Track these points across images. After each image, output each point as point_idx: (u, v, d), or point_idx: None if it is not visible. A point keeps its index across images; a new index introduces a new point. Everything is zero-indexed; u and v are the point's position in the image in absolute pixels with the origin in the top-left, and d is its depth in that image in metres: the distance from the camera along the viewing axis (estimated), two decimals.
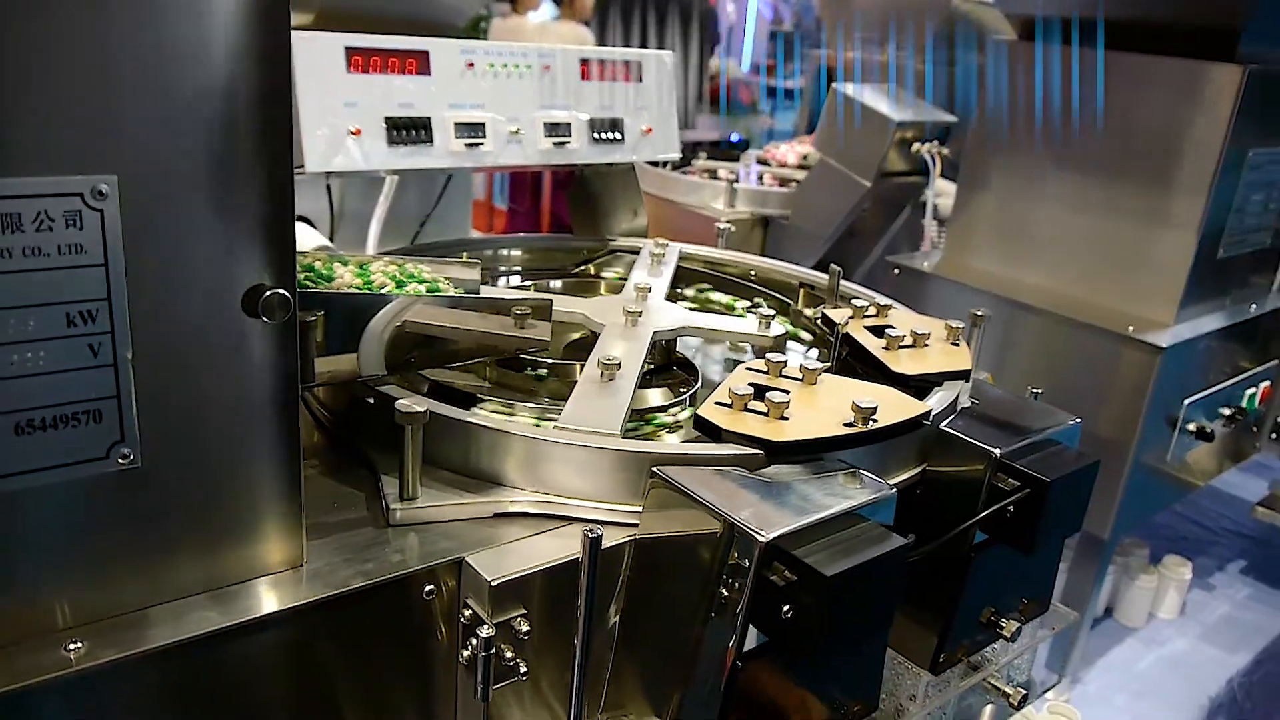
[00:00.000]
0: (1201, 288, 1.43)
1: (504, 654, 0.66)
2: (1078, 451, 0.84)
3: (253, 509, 0.62)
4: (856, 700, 0.76)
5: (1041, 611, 0.94)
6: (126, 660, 0.55)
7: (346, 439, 0.81)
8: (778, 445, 0.73)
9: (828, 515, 0.67)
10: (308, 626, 0.62)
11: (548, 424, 0.77)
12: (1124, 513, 1.40)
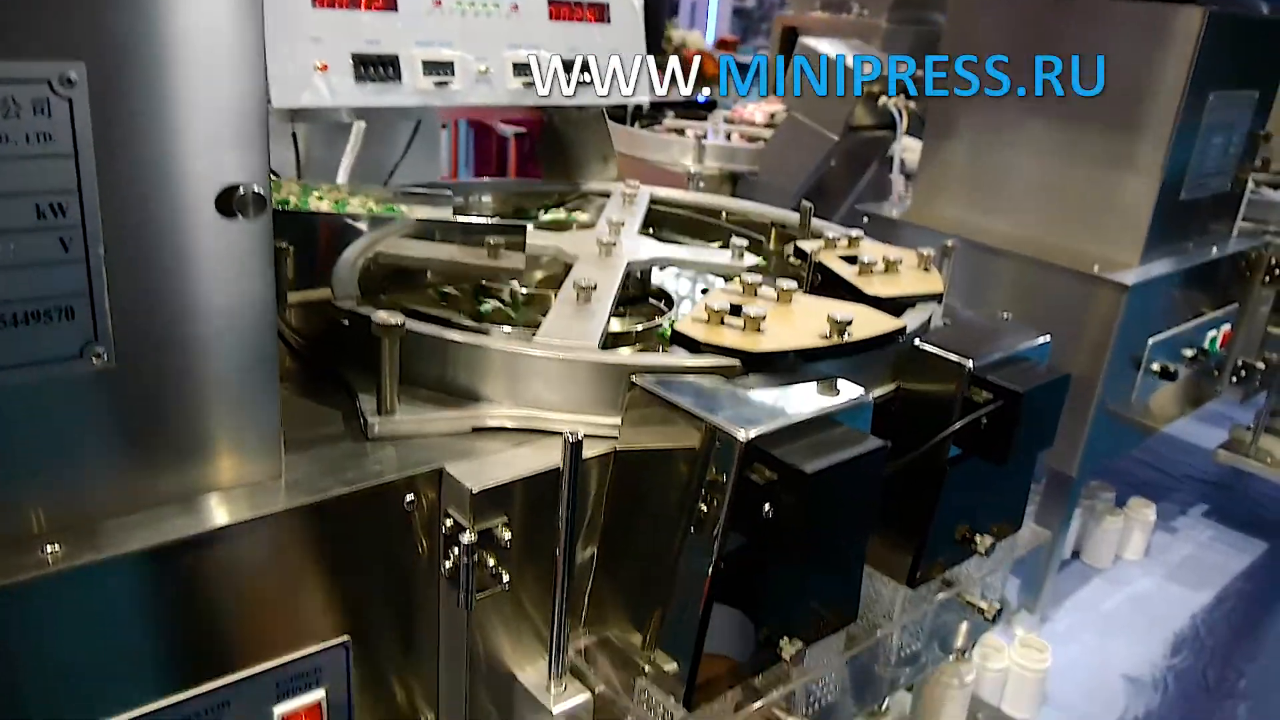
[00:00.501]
0: (1164, 231, 1.45)
1: (486, 562, 0.66)
2: (1048, 366, 0.86)
3: (229, 416, 0.61)
4: (835, 610, 0.77)
5: (1014, 530, 0.95)
6: (104, 563, 0.55)
7: (322, 363, 0.80)
8: (754, 356, 0.74)
9: (806, 417, 0.67)
10: (287, 536, 0.62)
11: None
12: (1091, 451, 1.42)
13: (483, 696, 0.72)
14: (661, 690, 0.70)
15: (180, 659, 0.60)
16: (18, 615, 0.53)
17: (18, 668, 0.54)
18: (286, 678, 0.65)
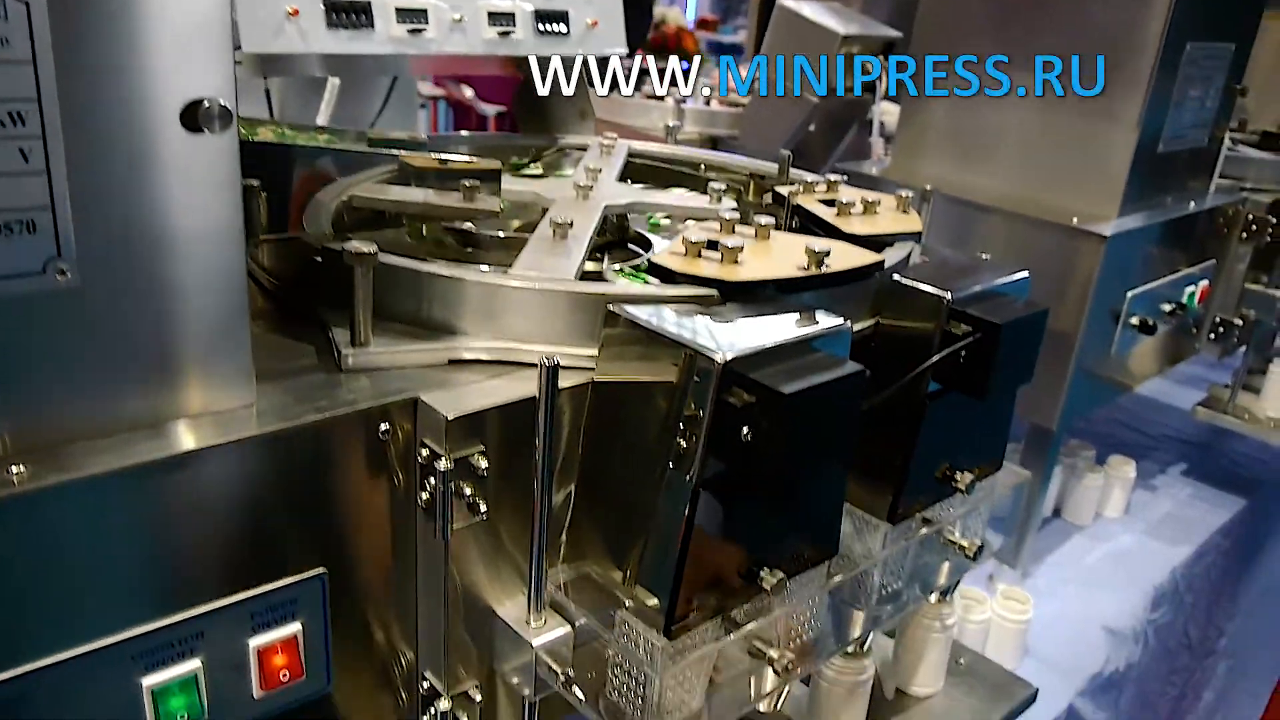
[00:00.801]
0: (1142, 185, 1.45)
1: (463, 492, 0.66)
2: (1028, 301, 0.86)
3: (198, 339, 0.60)
4: (816, 544, 0.77)
5: (995, 470, 0.95)
6: (71, 485, 0.54)
7: (295, 302, 0.79)
8: (732, 285, 0.73)
9: (784, 341, 0.67)
10: (258, 463, 0.61)
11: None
12: (1071, 404, 1.43)
13: (461, 631, 0.71)
14: (642, 622, 0.69)
15: (151, 587, 0.59)
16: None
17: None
18: (261, 609, 0.64)
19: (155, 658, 0.60)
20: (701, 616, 0.70)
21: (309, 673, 0.68)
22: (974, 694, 1.06)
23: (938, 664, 1.04)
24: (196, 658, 0.62)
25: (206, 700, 0.63)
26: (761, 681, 0.78)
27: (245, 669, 0.64)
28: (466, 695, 0.74)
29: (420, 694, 0.74)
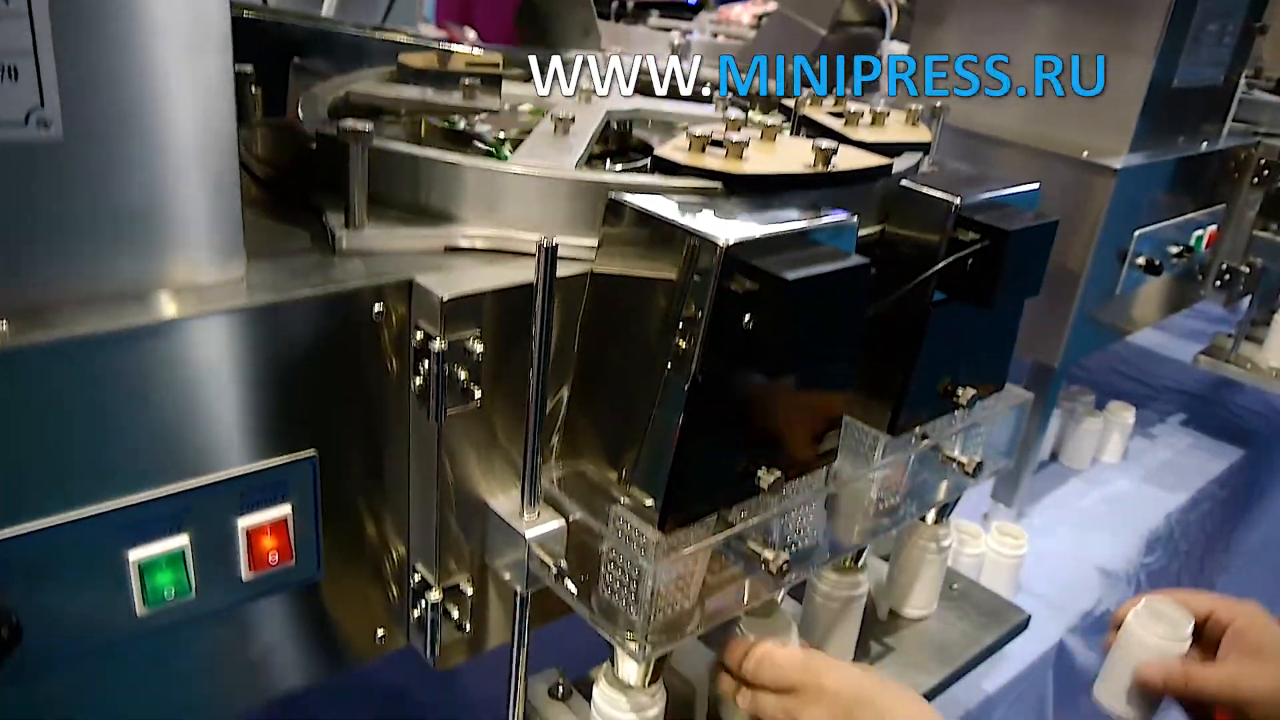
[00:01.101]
0: (1155, 121, 1.42)
1: (457, 376, 0.65)
2: (1037, 211, 0.84)
3: (186, 206, 0.58)
4: (814, 450, 0.76)
5: (997, 390, 0.94)
6: (55, 345, 0.53)
7: (289, 192, 0.77)
8: (736, 178, 0.71)
9: (789, 229, 0.65)
10: (248, 336, 0.60)
11: None
12: (1074, 342, 1.41)
13: (453, 523, 0.71)
14: (637, 517, 0.69)
15: (138, 458, 0.58)
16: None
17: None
18: (250, 489, 0.63)
19: (142, 531, 0.59)
20: (697, 513, 0.70)
21: (299, 558, 0.67)
22: (966, 618, 1.06)
23: (932, 586, 1.03)
24: (184, 534, 0.61)
25: (194, 578, 0.62)
26: (755, 586, 0.78)
27: (234, 549, 0.64)
28: (458, 588, 0.73)
29: (411, 587, 0.74)
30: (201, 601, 0.63)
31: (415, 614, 0.74)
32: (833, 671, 0.76)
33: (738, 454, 0.70)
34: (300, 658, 0.72)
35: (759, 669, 0.79)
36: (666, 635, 0.71)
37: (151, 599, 0.61)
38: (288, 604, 0.69)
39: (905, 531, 1.02)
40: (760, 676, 0.78)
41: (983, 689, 1.21)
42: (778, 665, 0.78)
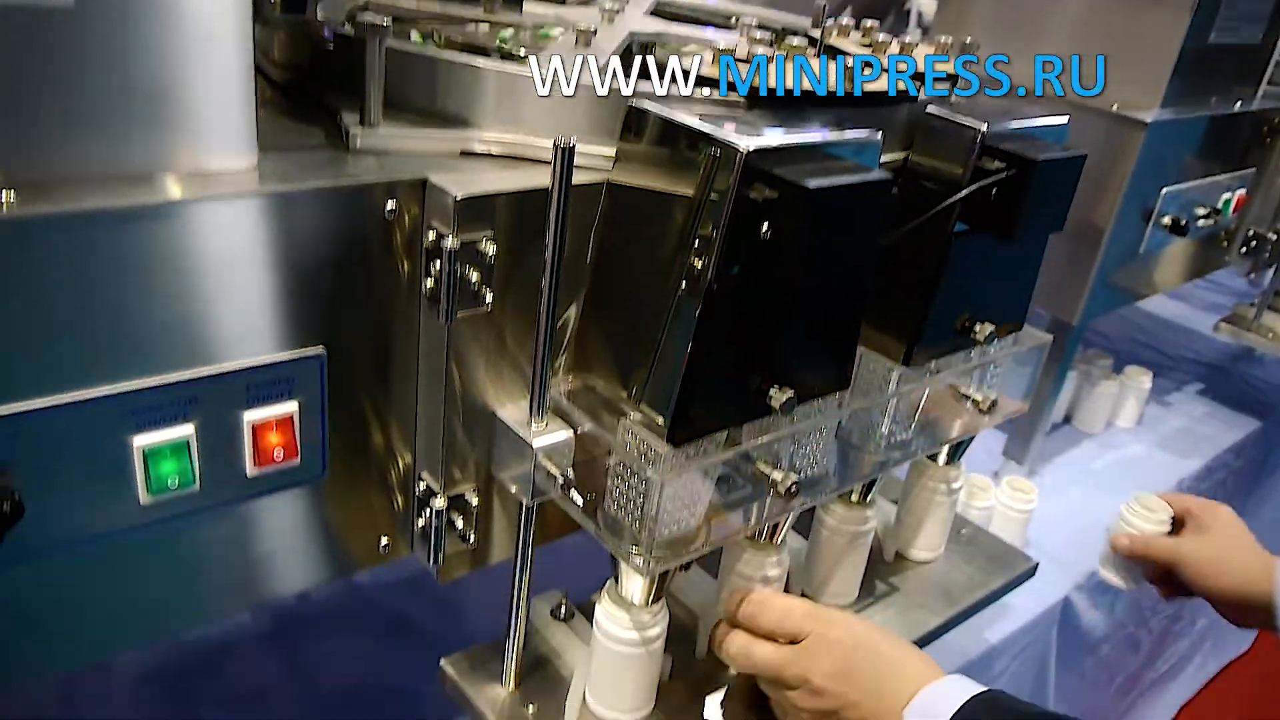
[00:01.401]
0: (1189, 77, 1.39)
1: (469, 278, 0.64)
2: (1065, 145, 0.82)
3: (198, 88, 0.57)
4: (828, 374, 0.75)
5: (1015, 330, 0.93)
6: (61, 218, 0.52)
7: (304, 94, 0.76)
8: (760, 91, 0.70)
9: (810, 140, 0.64)
10: (258, 225, 0.59)
11: None
12: (1094, 299, 1.40)
13: (460, 432, 0.70)
14: (646, 430, 0.68)
15: (143, 343, 0.57)
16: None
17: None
18: (257, 383, 0.63)
19: (147, 417, 0.59)
20: (706, 429, 0.69)
21: (304, 457, 0.66)
22: (973, 563, 1.06)
23: (940, 529, 1.03)
24: (189, 424, 0.61)
25: (198, 470, 0.62)
26: (763, 508, 0.77)
27: (239, 443, 0.63)
28: (463, 498, 0.73)
29: (416, 495, 0.73)
30: (205, 494, 0.63)
31: (419, 523, 0.74)
32: (837, 621, 0.74)
33: (750, 372, 0.69)
34: (303, 560, 0.72)
35: (759, 613, 0.75)
36: (671, 552, 0.71)
37: (155, 487, 0.60)
38: (292, 504, 0.69)
39: (915, 472, 1.01)
40: (759, 621, 0.75)
41: (986, 639, 1.21)
42: (782, 611, 0.75)
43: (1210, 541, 1.05)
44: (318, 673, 1.05)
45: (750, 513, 0.77)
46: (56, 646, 0.63)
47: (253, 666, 1.05)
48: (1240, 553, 1.02)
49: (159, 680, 1.01)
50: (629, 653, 0.77)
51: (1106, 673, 1.67)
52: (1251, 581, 0.98)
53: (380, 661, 1.07)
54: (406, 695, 1.03)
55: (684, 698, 0.84)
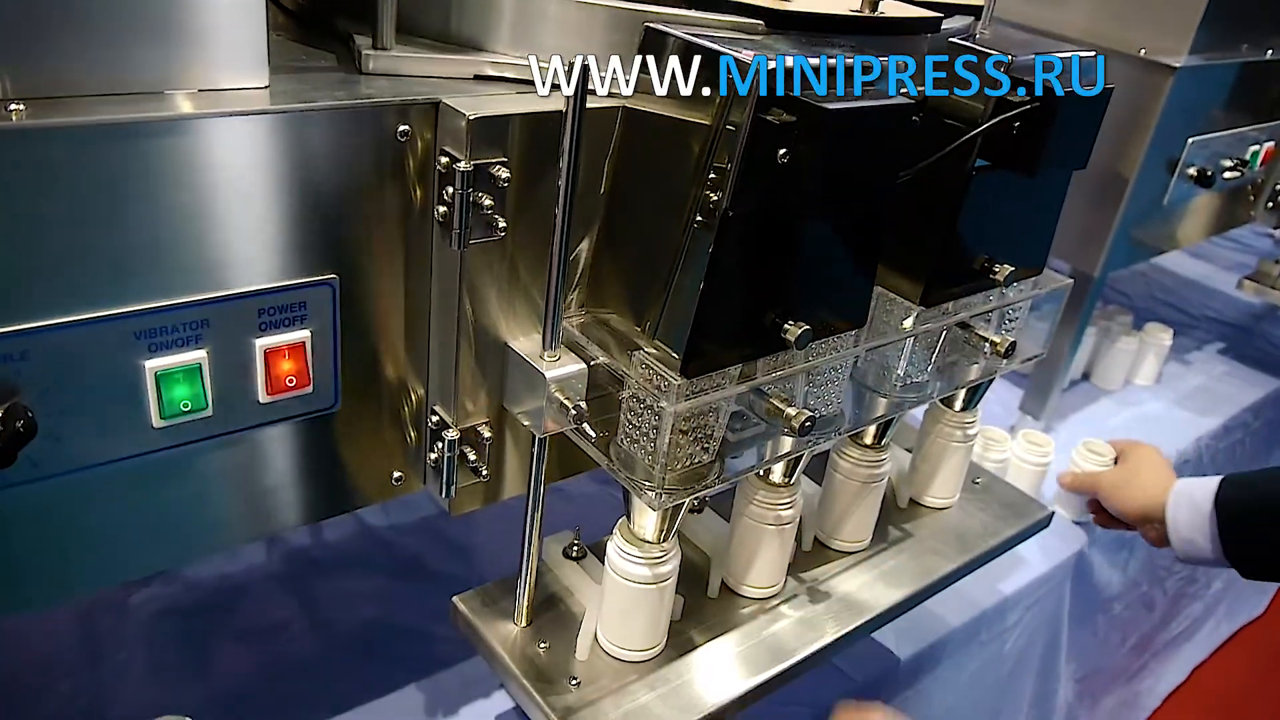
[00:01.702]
0: (1218, 23, 1.36)
1: (482, 203, 0.63)
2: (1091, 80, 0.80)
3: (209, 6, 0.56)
4: (844, 311, 0.74)
5: (1035, 274, 0.92)
6: (70, 130, 0.51)
7: (316, 18, 0.75)
8: (780, 15, 0.68)
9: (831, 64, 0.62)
10: (269, 144, 0.58)
11: None
12: (1115, 250, 1.38)
13: (473, 363, 0.70)
14: (660, 363, 0.67)
15: (155, 263, 0.57)
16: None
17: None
18: (269, 308, 0.62)
19: (159, 339, 0.59)
20: (720, 361, 0.68)
21: (316, 385, 0.66)
22: (988, 510, 1.05)
23: (955, 475, 1.02)
24: (202, 348, 0.61)
25: (211, 394, 0.62)
26: (775, 447, 0.76)
27: (251, 369, 0.63)
28: (476, 430, 0.72)
29: (429, 428, 0.73)
30: (217, 420, 0.63)
31: (432, 456, 0.73)
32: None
33: (765, 306, 0.68)
34: (315, 492, 0.72)
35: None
36: (684, 487, 0.70)
37: (168, 410, 0.60)
38: (304, 434, 0.69)
39: (931, 418, 1.00)
40: None
41: (1000, 590, 1.20)
42: None
43: (1123, 470, 1.25)
44: (330, 612, 1.05)
45: (764, 450, 0.76)
46: (73, 569, 0.63)
47: (266, 604, 1.05)
48: (1144, 475, 1.21)
49: (174, 615, 1.02)
50: (641, 589, 0.77)
51: (1120, 632, 1.67)
52: (1151, 498, 1.15)
53: (390, 602, 1.08)
54: (416, 634, 1.03)
55: (694, 637, 0.84)
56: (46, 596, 0.64)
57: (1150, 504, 1.16)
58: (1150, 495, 1.17)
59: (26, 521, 0.59)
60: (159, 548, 0.66)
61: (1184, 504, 1.11)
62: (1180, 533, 1.10)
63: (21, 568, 0.61)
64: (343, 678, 0.98)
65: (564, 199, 0.63)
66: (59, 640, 0.98)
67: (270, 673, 0.98)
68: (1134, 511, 1.19)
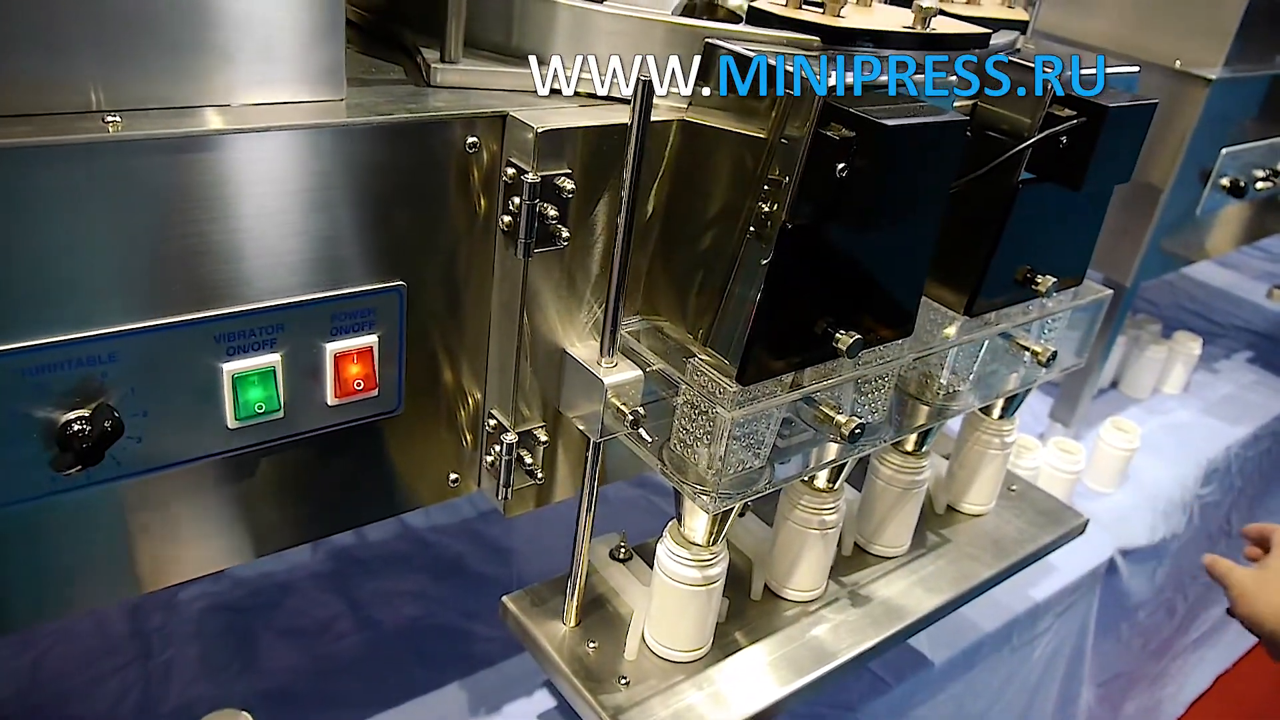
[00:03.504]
0: (1253, 34, 1.36)
1: (547, 214, 0.65)
2: (1135, 93, 0.82)
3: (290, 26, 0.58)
4: (892, 321, 0.76)
5: (1075, 284, 0.93)
6: (161, 142, 0.53)
7: (383, 32, 0.77)
8: (834, 31, 0.70)
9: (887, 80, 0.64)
10: (346, 156, 0.60)
11: None
12: (1148, 260, 1.39)
13: (530, 368, 0.71)
14: (715, 370, 0.69)
15: (233, 269, 0.59)
16: (75, 179, 0.52)
17: (71, 243, 0.53)
18: (341, 314, 0.64)
19: (236, 343, 0.61)
20: (774, 370, 0.70)
21: (382, 389, 0.68)
22: (1023, 517, 1.06)
23: (992, 483, 1.03)
24: (276, 352, 0.63)
25: (283, 397, 0.64)
26: (822, 453, 0.78)
27: (321, 373, 0.65)
28: (532, 434, 0.74)
29: (486, 431, 0.75)
30: (288, 421, 0.65)
31: (489, 458, 0.75)
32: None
33: (818, 314, 0.70)
34: (378, 493, 0.74)
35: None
36: (736, 491, 0.72)
37: (242, 412, 0.62)
38: (369, 436, 0.70)
39: (969, 425, 1.02)
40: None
41: (1031, 596, 1.21)
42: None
43: (1268, 569, 1.01)
44: (374, 610, 1.07)
45: (811, 456, 0.78)
46: (145, 565, 0.65)
47: (312, 602, 1.07)
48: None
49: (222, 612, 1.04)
50: (690, 591, 0.78)
51: (1141, 637, 1.68)
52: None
53: (432, 601, 1.10)
54: (459, 633, 1.05)
55: (739, 639, 0.86)
56: (123, 590, 0.66)
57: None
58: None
59: (105, 518, 0.61)
60: (226, 545, 0.68)
61: None
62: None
63: (96, 564, 0.63)
64: (388, 675, 1.00)
65: (626, 210, 0.64)
66: (107, 637, 1.00)
67: (316, 670, 1.00)
68: (1271, 621, 0.96)
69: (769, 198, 0.65)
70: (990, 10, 0.88)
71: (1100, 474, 1.43)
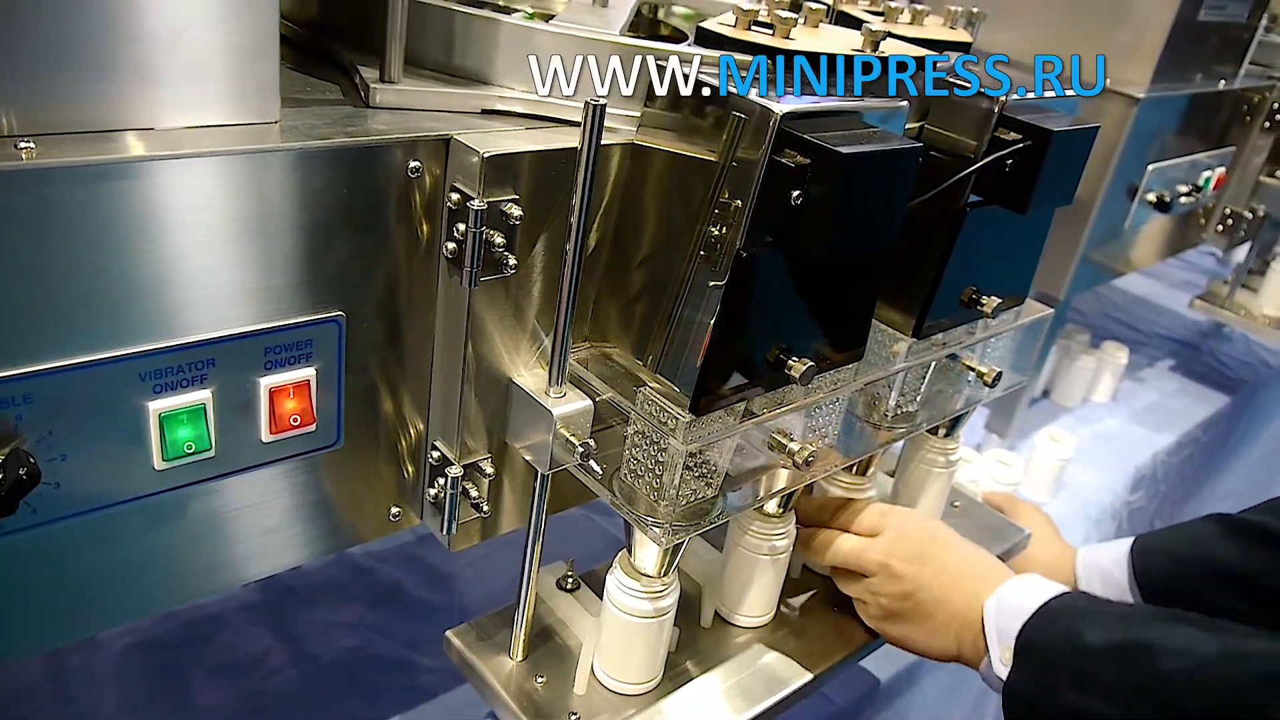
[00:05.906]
0: (1178, 53, 1.40)
1: (493, 241, 0.62)
2: (1078, 117, 0.82)
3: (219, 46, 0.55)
4: (843, 344, 0.75)
5: (1018, 304, 0.94)
6: (77, 170, 0.50)
7: (321, 49, 0.74)
8: (784, 54, 0.69)
9: (841, 105, 0.63)
10: (280, 181, 0.57)
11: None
12: (1079, 274, 1.41)
13: (475, 402, 0.69)
14: (666, 399, 0.67)
15: (161, 303, 0.55)
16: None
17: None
18: (275, 347, 0.61)
19: (164, 380, 0.57)
20: (726, 400, 0.68)
21: (320, 422, 0.65)
22: (966, 534, 1.06)
23: (936, 500, 1.03)
24: (206, 388, 0.59)
25: (214, 435, 0.60)
26: (773, 480, 0.77)
27: (255, 408, 0.62)
28: (478, 466, 0.72)
29: (429, 463, 0.72)
30: (221, 460, 0.62)
31: (432, 492, 0.72)
32: (913, 515, 0.90)
33: (770, 342, 0.69)
34: (315, 530, 0.70)
35: (842, 513, 0.89)
36: (689, 522, 0.70)
37: (170, 452, 0.59)
38: (305, 472, 0.67)
39: (913, 445, 1.02)
40: (842, 519, 0.89)
41: None
42: (862, 510, 0.89)
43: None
44: (310, 643, 1.03)
45: (762, 483, 0.76)
46: (69, 614, 0.61)
47: (243, 636, 1.03)
48: (1042, 546, 1.11)
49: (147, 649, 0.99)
50: (642, 624, 0.76)
51: None
52: (1053, 571, 1.03)
53: (371, 631, 1.06)
54: (399, 664, 1.02)
55: (689, 669, 0.84)
56: (43, 643, 0.61)
57: (1054, 577, 0.95)
58: (1052, 567, 1.06)
59: (20, 569, 0.57)
60: (157, 591, 0.64)
61: (1096, 579, 1.05)
62: None
63: (16, 615, 0.59)
64: (326, 710, 0.96)
65: (576, 236, 0.62)
66: (25, 679, 0.94)
67: (249, 707, 0.96)
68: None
69: (719, 220, 0.64)
70: (934, 32, 0.88)
71: (1037, 484, 1.46)
